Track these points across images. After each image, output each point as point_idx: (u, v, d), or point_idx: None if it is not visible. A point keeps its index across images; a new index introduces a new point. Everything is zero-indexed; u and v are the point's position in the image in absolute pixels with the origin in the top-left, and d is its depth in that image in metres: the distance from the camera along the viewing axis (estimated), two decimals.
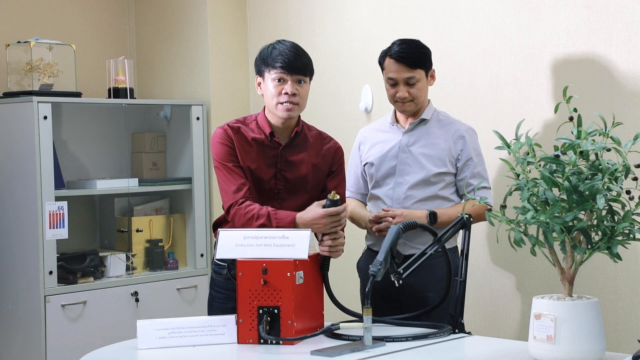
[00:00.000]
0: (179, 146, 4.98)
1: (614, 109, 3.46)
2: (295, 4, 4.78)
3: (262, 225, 3.01)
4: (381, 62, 3.45)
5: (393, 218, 3.29)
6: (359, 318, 2.83)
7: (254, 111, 4.96)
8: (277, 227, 2.99)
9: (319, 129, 3.29)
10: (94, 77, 5.00)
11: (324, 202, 2.99)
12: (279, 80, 3.08)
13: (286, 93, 3.07)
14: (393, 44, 3.42)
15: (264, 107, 3.19)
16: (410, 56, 3.35)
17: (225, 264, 3.16)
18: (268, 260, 2.76)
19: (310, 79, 3.17)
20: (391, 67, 3.37)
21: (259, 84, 3.17)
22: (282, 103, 3.08)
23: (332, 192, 2.98)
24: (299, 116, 3.19)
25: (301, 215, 3.00)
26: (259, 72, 3.16)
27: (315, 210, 2.99)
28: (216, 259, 3.20)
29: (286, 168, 3.16)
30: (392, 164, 3.43)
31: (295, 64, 3.08)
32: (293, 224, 3.00)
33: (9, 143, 4.44)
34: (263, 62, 3.13)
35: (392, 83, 3.39)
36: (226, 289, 3.17)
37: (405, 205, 3.38)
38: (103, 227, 4.97)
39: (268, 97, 3.12)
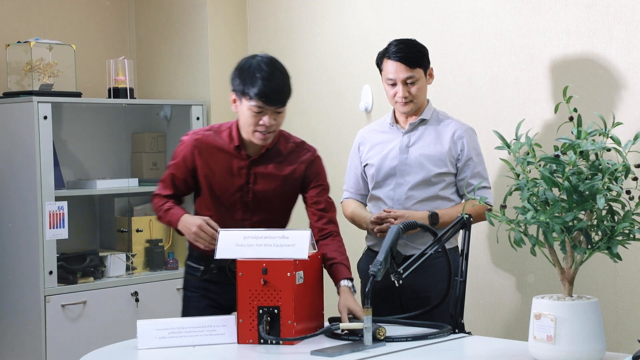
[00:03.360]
0: None
1: (614, 109, 3.46)
2: (295, 4, 4.78)
3: (160, 218, 3.18)
4: (379, 63, 3.45)
5: (395, 219, 3.28)
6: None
7: None
8: (169, 222, 3.14)
9: (300, 139, 3.22)
10: (94, 77, 5.00)
11: (210, 222, 3.02)
12: (257, 111, 2.98)
13: (264, 124, 3.00)
14: (390, 44, 3.41)
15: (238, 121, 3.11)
16: (409, 56, 3.35)
17: (201, 267, 3.21)
18: (268, 260, 2.76)
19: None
20: (390, 68, 3.37)
21: (234, 100, 3.06)
22: (258, 131, 3.02)
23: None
24: None
25: (186, 216, 3.08)
26: (235, 92, 3.04)
27: (197, 218, 3.04)
28: (188, 262, 3.28)
29: (254, 181, 3.12)
30: (393, 165, 3.43)
31: (275, 97, 2.98)
32: (177, 225, 3.10)
33: (9, 143, 4.44)
34: (241, 87, 2.99)
35: (392, 83, 3.38)
36: (201, 288, 3.23)
37: (406, 205, 3.37)
38: (103, 227, 4.97)
39: (243, 121, 3.04)
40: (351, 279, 3.01)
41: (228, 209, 3.12)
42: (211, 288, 3.22)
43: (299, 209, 3.28)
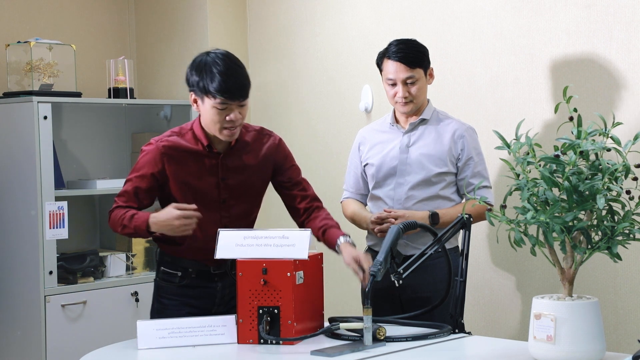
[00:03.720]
0: None
1: (614, 109, 3.46)
2: (295, 4, 4.78)
3: (125, 227, 2.98)
4: (379, 63, 3.45)
5: (395, 219, 3.28)
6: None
7: (254, 111, 4.96)
8: (135, 229, 2.96)
9: (259, 126, 3.20)
10: (94, 77, 5.00)
11: (179, 205, 2.93)
12: (222, 108, 2.93)
13: (231, 120, 2.95)
14: (390, 44, 3.41)
15: (199, 116, 3.05)
16: (409, 56, 3.35)
17: (178, 272, 3.11)
18: (268, 260, 2.76)
19: None
20: (390, 68, 3.37)
21: (195, 100, 2.99)
22: (225, 128, 2.97)
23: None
24: None
25: (155, 216, 2.95)
26: (194, 91, 2.98)
27: (169, 210, 2.94)
28: (162, 268, 3.16)
29: (228, 176, 3.07)
30: (393, 165, 3.43)
31: (237, 91, 2.92)
32: (146, 225, 2.94)
33: (9, 143, 4.44)
34: (200, 85, 2.93)
35: (392, 83, 3.38)
36: (180, 295, 3.13)
37: (407, 205, 3.37)
38: (103, 227, 4.97)
39: (208, 120, 2.98)
40: (348, 235, 3.03)
41: (206, 210, 3.03)
42: (190, 293, 3.12)
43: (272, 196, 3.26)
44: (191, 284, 3.13)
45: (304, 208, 3.17)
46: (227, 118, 2.95)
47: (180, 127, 3.12)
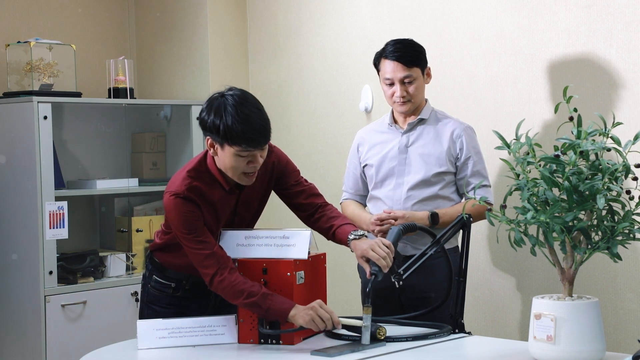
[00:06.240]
0: (179, 146, 4.98)
1: (614, 109, 3.46)
2: (295, 4, 4.78)
3: (253, 304, 2.71)
4: (376, 63, 3.45)
5: (395, 220, 3.28)
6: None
7: None
8: (267, 309, 2.71)
9: None
10: (94, 77, 5.00)
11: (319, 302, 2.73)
12: (245, 155, 2.78)
13: (253, 166, 2.81)
14: (387, 44, 3.42)
15: (212, 157, 2.87)
16: (406, 55, 3.35)
17: (172, 283, 3.03)
18: (268, 260, 2.76)
19: None
20: (387, 68, 3.37)
21: (212, 145, 2.81)
22: (245, 173, 2.83)
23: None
24: None
25: (300, 309, 2.71)
26: (212, 136, 2.80)
27: (319, 302, 2.74)
28: (155, 277, 3.07)
29: (242, 208, 2.97)
30: (392, 165, 3.43)
31: (262, 139, 2.77)
32: (287, 313, 2.70)
33: (9, 143, 4.44)
34: (221, 132, 2.75)
35: (389, 83, 3.39)
36: (174, 305, 3.05)
37: (406, 205, 3.37)
38: (103, 227, 4.97)
39: (228, 166, 2.81)
40: (356, 229, 2.91)
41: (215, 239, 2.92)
42: (183, 303, 3.04)
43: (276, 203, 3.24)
44: (185, 295, 3.03)
45: (308, 203, 3.05)
46: (250, 165, 2.80)
47: (193, 168, 2.89)
